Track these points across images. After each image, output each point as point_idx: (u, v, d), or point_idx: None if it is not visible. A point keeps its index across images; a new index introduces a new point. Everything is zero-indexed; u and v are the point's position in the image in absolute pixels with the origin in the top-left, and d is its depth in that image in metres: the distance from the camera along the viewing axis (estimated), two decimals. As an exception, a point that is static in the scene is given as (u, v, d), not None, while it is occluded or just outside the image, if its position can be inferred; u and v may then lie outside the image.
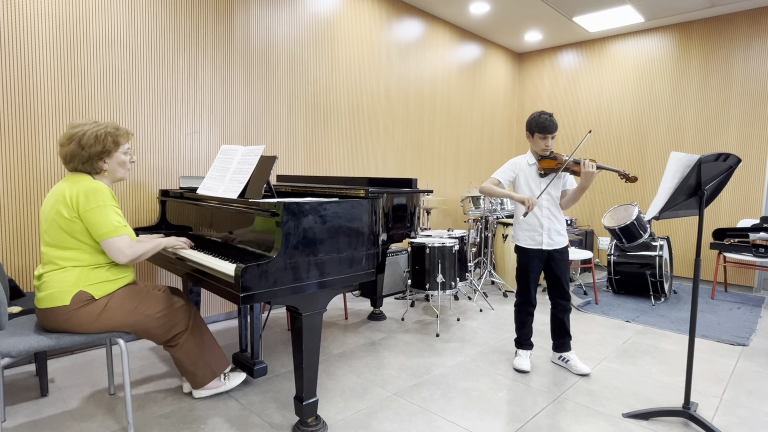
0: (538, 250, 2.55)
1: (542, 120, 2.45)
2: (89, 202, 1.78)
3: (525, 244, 2.58)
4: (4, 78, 2.45)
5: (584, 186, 2.41)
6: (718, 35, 4.77)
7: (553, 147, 2.51)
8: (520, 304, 2.65)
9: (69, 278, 1.79)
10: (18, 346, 1.70)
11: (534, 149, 2.55)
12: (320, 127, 3.97)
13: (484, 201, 4.31)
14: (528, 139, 2.55)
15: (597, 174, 2.38)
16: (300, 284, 1.81)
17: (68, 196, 1.79)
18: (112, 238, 1.81)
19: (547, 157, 2.50)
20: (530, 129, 2.51)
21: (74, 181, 1.83)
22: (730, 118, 4.73)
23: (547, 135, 2.46)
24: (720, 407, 2.25)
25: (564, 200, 2.57)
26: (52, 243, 1.82)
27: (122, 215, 1.95)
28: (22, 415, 2.06)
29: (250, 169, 2.23)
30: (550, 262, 2.57)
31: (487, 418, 2.11)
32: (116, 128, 1.93)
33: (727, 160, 1.97)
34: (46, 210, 1.83)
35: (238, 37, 3.38)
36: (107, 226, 1.80)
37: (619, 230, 3.86)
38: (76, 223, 1.79)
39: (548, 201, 2.53)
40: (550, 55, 6.03)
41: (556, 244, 2.54)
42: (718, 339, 3.18)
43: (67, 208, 1.78)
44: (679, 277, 5.09)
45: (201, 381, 2.13)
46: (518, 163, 2.57)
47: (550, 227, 2.52)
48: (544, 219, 2.52)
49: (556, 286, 2.59)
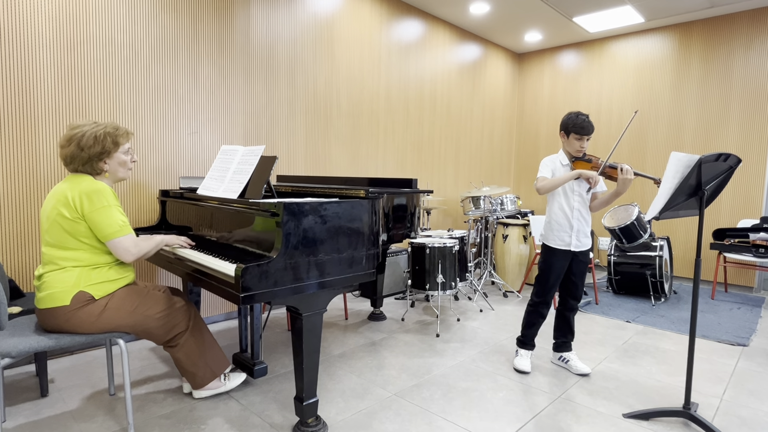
0: (566, 251, 2.53)
1: (580, 121, 2.42)
2: (93, 204, 1.79)
3: (554, 244, 2.55)
4: (4, 78, 2.44)
5: (620, 191, 2.37)
6: (718, 35, 4.77)
7: (586, 149, 2.49)
8: (536, 304, 2.61)
9: (69, 278, 1.80)
10: (18, 347, 1.69)
11: (567, 149, 2.52)
12: (320, 127, 3.97)
13: (484, 201, 4.31)
14: (562, 137, 2.51)
15: (630, 178, 2.33)
16: (300, 284, 1.81)
17: (70, 198, 1.79)
18: (118, 238, 1.82)
19: (582, 160, 2.47)
20: (566, 129, 2.47)
21: (75, 182, 1.83)
22: (731, 119, 4.73)
23: (583, 136, 2.43)
24: (720, 407, 2.25)
25: (595, 203, 2.54)
26: (53, 243, 1.82)
27: (125, 214, 1.95)
28: (22, 415, 2.06)
29: (250, 170, 2.23)
30: (572, 264, 2.55)
31: (487, 418, 2.11)
32: (115, 128, 1.92)
33: (727, 160, 1.97)
34: (47, 210, 1.83)
35: (239, 37, 3.38)
36: (113, 226, 1.81)
37: (619, 230, 3.85)
38: (79, 224, 1.80)
39: (579, 203, 2.50)
40: (550, 55, 6.03)
41: (583, 246, 2.53)
42: (719, 339, 3.18)
43: (69, 209, 1.78)
44: (680, 277, 5.09)
45: (201, 381, 2.13)
46: (554, 161, 2.54)
47: (579, 229, 2.50)
48: (574, 220, 2.50)
49: (572, 285, 2.57)
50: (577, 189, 2.50)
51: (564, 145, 2.53)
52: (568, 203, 2.50)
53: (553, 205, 2.57)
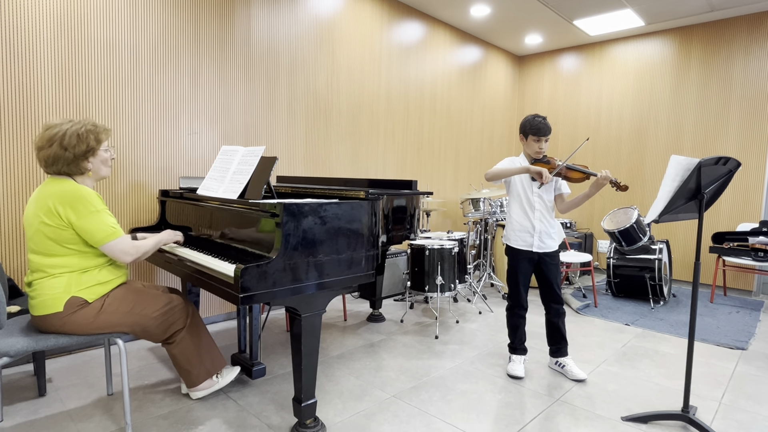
0: (528, 252, 2.54)
1: (536, 123, 2.45)
2: (79, 212, 1.73)
3: (515, 245, 2.57)
4: (3, 78, 2.44)
5: (590, 194, 2.39)
6: (718, 39, 4.78)
7: (546, 150, 2.52)
8: (511, 307, 2.64)
9: (59, 285, 1.76)
10: (16, 346, 1.69)
11: (527, 151, 2.55)
12: (320, 128, 3.97)
13: (483, 203, 4.31)
14: (521, 141, 2.55)
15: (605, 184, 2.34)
16: (299, 285, 1.80)
17: (52, 205, 1.72)
18: (112, 241, 1.79)
19: (540, 161, 2.50)
20: (524, 131, 2.51)
21: (56, 188, 1.76)
22: (730, 122, 4.73)
23: (540, 138, 2.46)
24: (719, 411, 2.25)
25: (564, 204, 2.56)
26: (38, 251, 1.77)
27: (113, 216, 1.92)
28: (19, 414, 2.05)
29: (251, 170, 2.23)
30: (541, 266, 2.56)
31: (485, 420, 2.10)
32: (94, 125, 1.85)
33: (726, 163, 1.97)
34: (29, 217, 1.77)
35: (239, 37, 3.38)
36: (104, 231, 1.77)
37: (619, 233, 3.86)
38: (64, 231, 1.74)
39: (540, 204, 2.52)
40: (550, 58, 6.04)
41: (547, 247, 2.54)
42: (717, 343, 3.18)
43: (52, 217, 1.72)
44: (679, 280, 5.09)
45: (195, 380, 2.12)
46: (514, 162, 2.57)
47: (541, 230, 2.52)
48: (536, 221, 2.52)
49: (548, 289, 2.58)
50: (536, 190, 2.51)
51: (524, 147, 2.57)
52: (529, 204, 2.52)
53: (513, 205, 2.60)
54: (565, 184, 2.58)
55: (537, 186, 2.47)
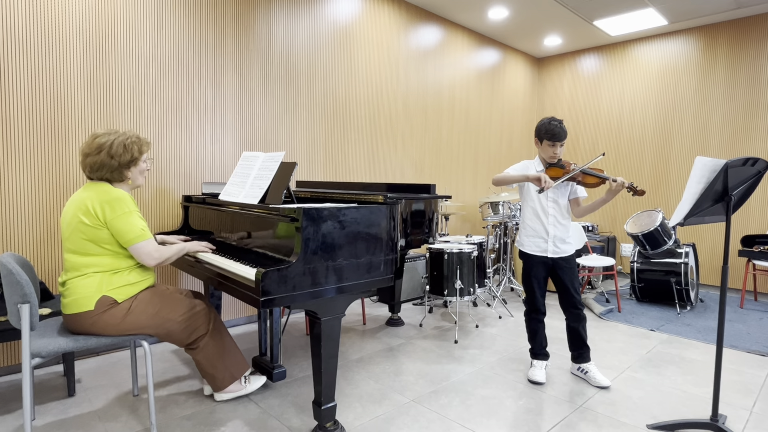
0: (543, 257, 2.51)
1: (552, 127, 2.41)
2: (115, 211, 1.83)
3: (529, 250, 2.54)
4: (38, 88, 2.55)
5: (606, 199, 2.35)
6: (745, 37, 4.65)
7: (561, 155, 2.48)
8: (528, 312, 2.61)
9: (92, 284, 1.84)
10: (47, 347, 1.75)
11: (542, 155, 2.52)
12: (339, 133, 4.01)
13: (503, 207, 4.28)
14: (536, 145, 2.51)
15: (621, 191, 2.31)
16: (319, 289, 1.82)
17: (90, 206, 1.83)
18: (140, 243, 1.86)
19: (555, 165, 2.46)
20: (539, 135, 2.47)
21: (95, 191, 1.87)
22: (759, 122, 4.59)
23: (556, 143, 2.42)
24: (750, 420, 2.17)
25: (579, 209, 2.51)
26: (74, 250, 1.86)
27: (144, 219, 2.00)
28: (50, 414, 2.12)
29: (271, 175, 2.26)
30: (557, 271, 2.51)
31: (505, 426, 2.08)
32: (138, 137, 1.99)
33: (755, 164, 1.92)
34: (67, 218, 1.88)
35: (260, 45, 3.45)
36: (134, 231, 1.85)
37: (643, 237, 3.77)
38: (100, 231, 1.84)
39: (554, 209, 2.48)
40: (570, 59, 5.97)
41: (562, 252, 2.49)
42: (748, 349, 3.08)
43: (89, 217, 1.82)
44: (706, 285, 4.94)
45: (221, 384, 2.16)
46: (528, 167, 2.54)
47: (555, 235, 2.48)
48: (550, 226, 2.48)
49: (565, 294, 2.53)
50: (551, 195, 2.47)
51: (539, 151, 2.52)
52: (542, 209, 2.49)
53: (526, 210, 2.56)
54: (581, 188, 2.53)
55: (537, 191, 2.43)
